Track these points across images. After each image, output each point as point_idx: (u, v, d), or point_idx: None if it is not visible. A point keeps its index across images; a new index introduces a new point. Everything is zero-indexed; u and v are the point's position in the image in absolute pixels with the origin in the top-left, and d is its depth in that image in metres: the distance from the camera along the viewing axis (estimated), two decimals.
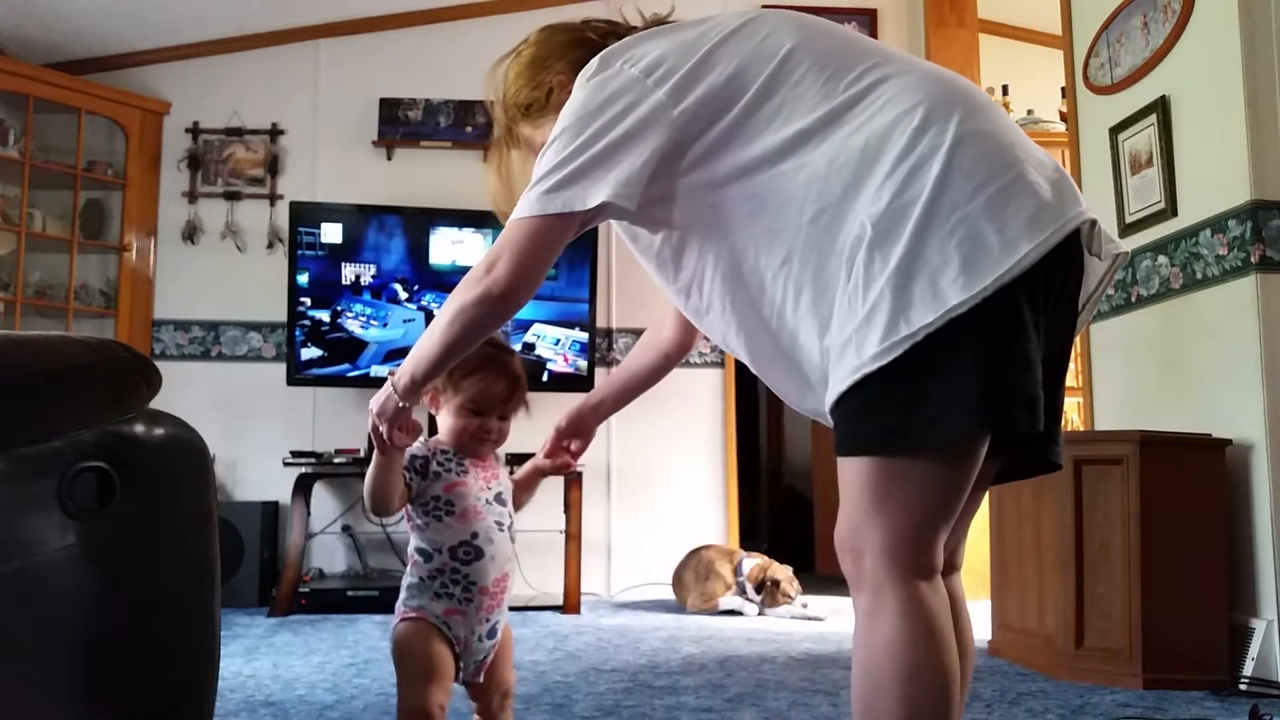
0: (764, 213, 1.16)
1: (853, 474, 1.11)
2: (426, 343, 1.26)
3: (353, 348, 4.36)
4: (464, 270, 4.32)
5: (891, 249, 1.06)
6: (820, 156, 1.13)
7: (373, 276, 4.39)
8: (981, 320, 1.04)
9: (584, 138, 1.17)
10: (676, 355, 1.62)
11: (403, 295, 4.40)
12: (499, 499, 1.68)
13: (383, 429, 1.38)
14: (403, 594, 1.62)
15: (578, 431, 1.68)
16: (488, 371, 1.62)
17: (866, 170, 1.10)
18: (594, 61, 1.24)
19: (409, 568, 1.63)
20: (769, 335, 1.21)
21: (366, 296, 4.37)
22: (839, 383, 1.09)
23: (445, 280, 4.43)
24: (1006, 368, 1.05)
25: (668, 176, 1.19)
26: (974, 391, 1.04)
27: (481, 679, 1.65)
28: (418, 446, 1.59)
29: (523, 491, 1.78)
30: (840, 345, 1.09)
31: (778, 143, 1.15)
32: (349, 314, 4.37)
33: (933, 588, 1.09)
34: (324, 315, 4.32)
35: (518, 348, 4.40)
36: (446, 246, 4.44)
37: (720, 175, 1.18)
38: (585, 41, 1.40)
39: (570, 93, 1.27)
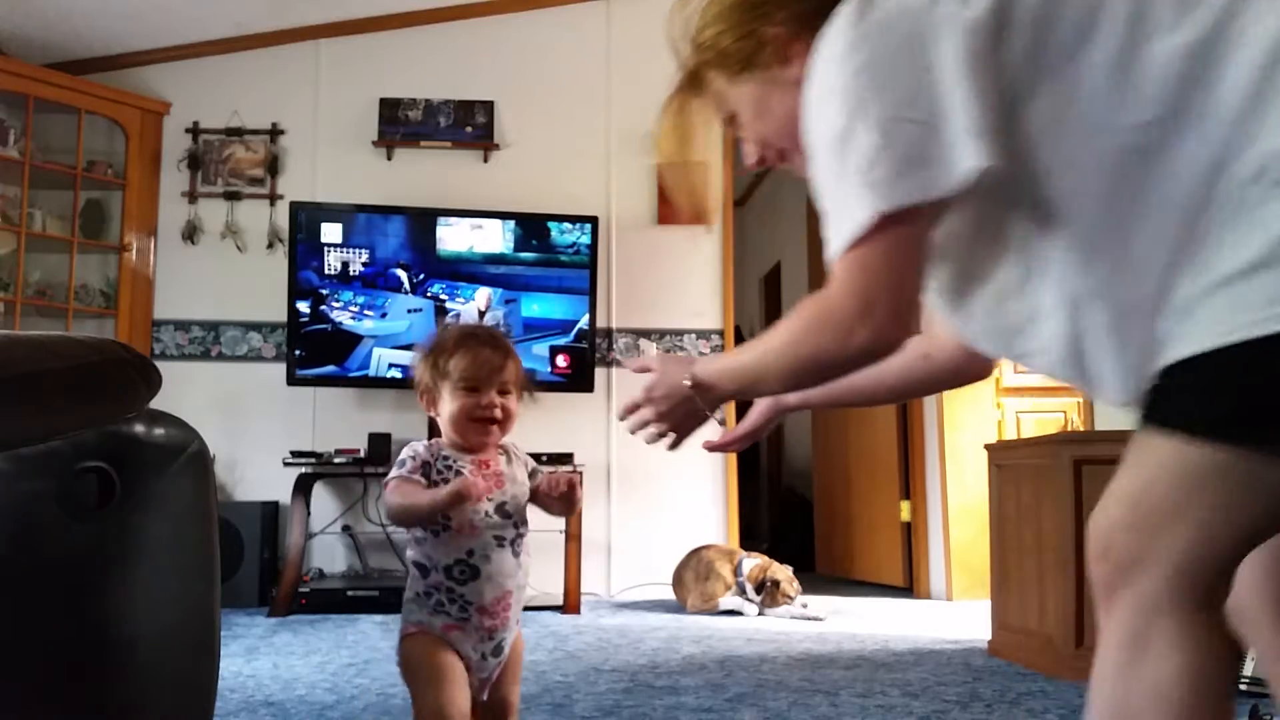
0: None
1: (1167, 457, 0.85)
2: (758, 362, 1.10)
3: (342, 342, 4.33)
4: (476, 259, 4.40)
5: None
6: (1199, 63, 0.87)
7: (364, 264, 4.35)
8: None
9: (898, 95, 0.91)
10: (951, 359, 1.28)
11: (406, 283, 4.38)
12: (501, 510, 1.54)
13: (666, 434, 1.22)
14: (404, 608, 1.55)
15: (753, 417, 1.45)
16: (470, 344, 1.53)
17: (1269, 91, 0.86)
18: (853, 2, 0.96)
19: (409, 580, 1.54)
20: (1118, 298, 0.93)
21: (358, 285, 4.35)
22: (1204, 337, 0.84)
23: (454, 269, 4.42)
24: None
25: (1009, 117, 0.92)
26: None
27: (485, 697, 1.55)
28: (420, 448, 1.53)
29: (551, 500, 1.59)
30: (1210, 287, 0.86)
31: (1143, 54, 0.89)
32: (335, 303, 4.33)
33: (1220, 626, 0.86)
34: (323, 313, 4.32)
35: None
36: (454, 237, 4.43)
37: (1072, 95, 0.91)
38: None
39: (792, 57, 1.06)
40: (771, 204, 7.68)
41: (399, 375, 4.30)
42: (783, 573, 4.07)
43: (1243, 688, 2.55)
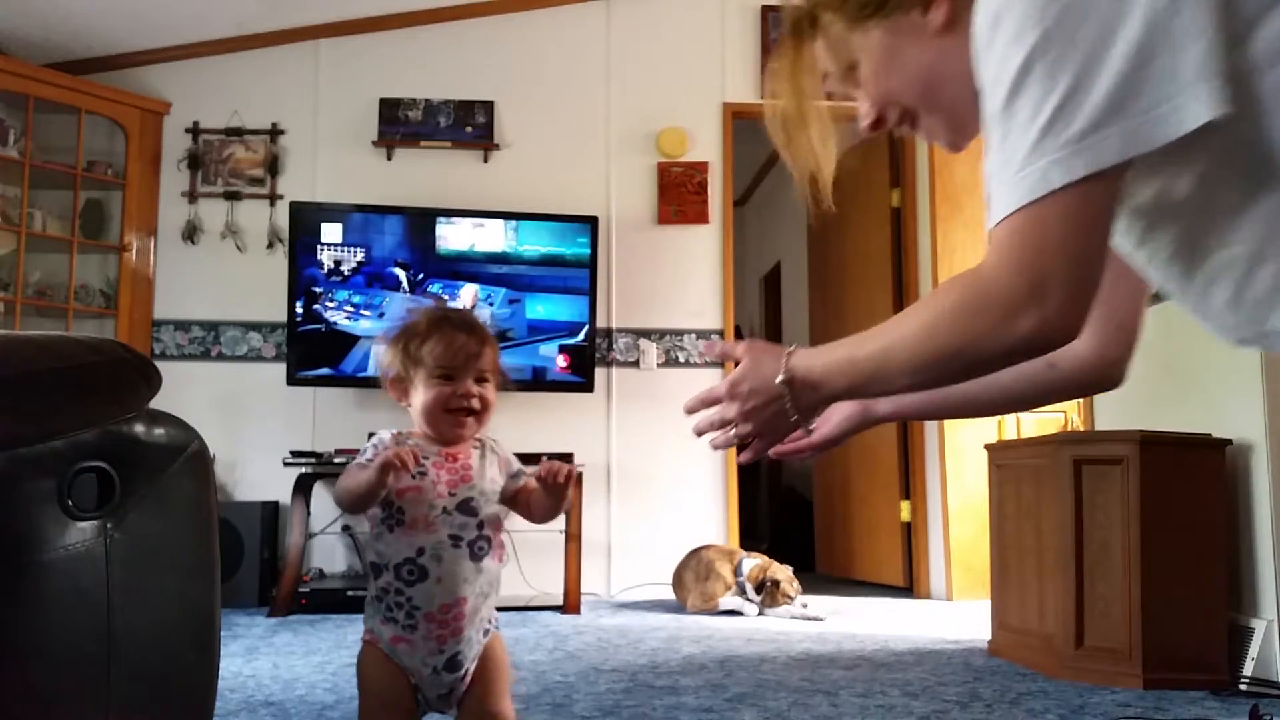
0: None
1: None
2: (882, 354, 0.92)
3: (338, 343, 4.32)
4: (477, 257, 4.42)
5: None
6: None
7: (359, 262, 4.35)
8: None
9: (1100, 25, 0.74)
10: (1080, 368, 1.10)
11: (404, 283, 4.37)
12: (464, 507, 1.41)
13: (748, 440, 1.05)
14: (365, 608, 1.45)
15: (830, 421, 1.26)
16: (444, 328, 1.42)
17: None
18: None
19: (369, 580, 1.43)
20: None
21: (359, 283, 4.35)
22: None
23: (454, 268, 4.41)
24: None
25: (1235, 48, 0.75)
26: None
27: (454, 713, 1.44)
28: (387, 437, 1.42)
29: (535, 500, 1.48)
30: None
31: None
32: (330, 303, 4.33)
33: None
34: (316, 312, 4.32)
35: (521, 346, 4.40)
36: (454, 236, 4.43)
37: None
38: None
39: (943, 5, 0.92)
40: (771, 204, 7.68)
41: None
42: (783, 573, 4.07)
43: (1242, 687, 2.55)
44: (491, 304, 4.40)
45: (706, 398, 1.08)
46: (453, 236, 4.43)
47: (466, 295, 4.41)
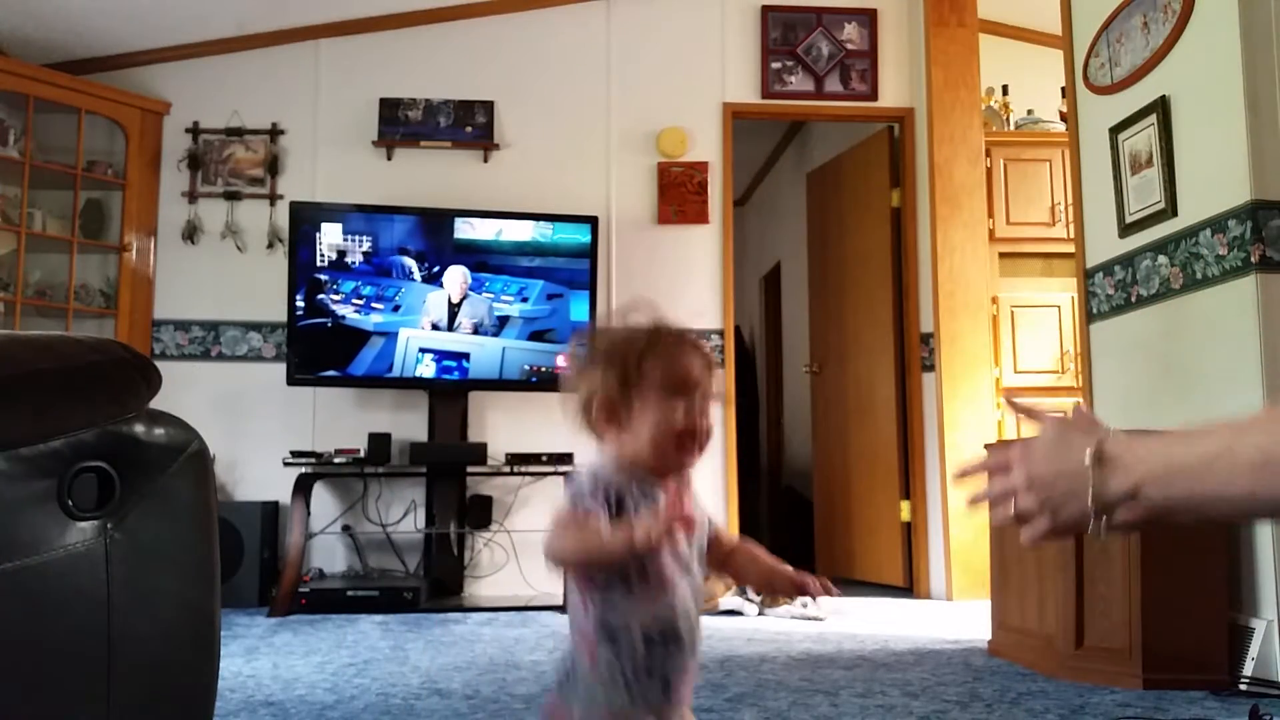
0: None
1: None
2: (1221, 448, 0.76)
3: (345, 340, 4.30)
4: (505, 247, 4.42)
5: None
6: None
7: (365, 254, 4.32)
8: None
9: None
10: None
11: (415, 273, 4.36)
12: (697, 556, 1.22)
13: (1036, 526, 0.89)
14: (565, 689, 1.16)
15: None
16: (670, 343, 1.19)
17: None
18: None
19: (577, 649, 1.16)
20: None
21: (362, 281, 4.35)
22: None
23: (470, 257, 4.40)
24: None
25: None
26: None
27: None
28: (608, 471, 1.17)
29: (735, 567, 1.27)
30: None
31: None
32: (334, 294, 4.30)
33: None
34: (327, 304, 4.32)
35: (525, 346, 4.40)
36: (465, 228, 4.44)
37: None
38: None
39: None
40: (771, 204, 7.68)
41: (433, 367, 4.29)
42: None
43: (1242, 687, 2.55)
44: (485, 292, 4.39)
45: (992, 465, 0.95)
46: (459, 232, 4.42)
47: (453, 283, 4.37)
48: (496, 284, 4.41)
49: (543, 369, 4.39)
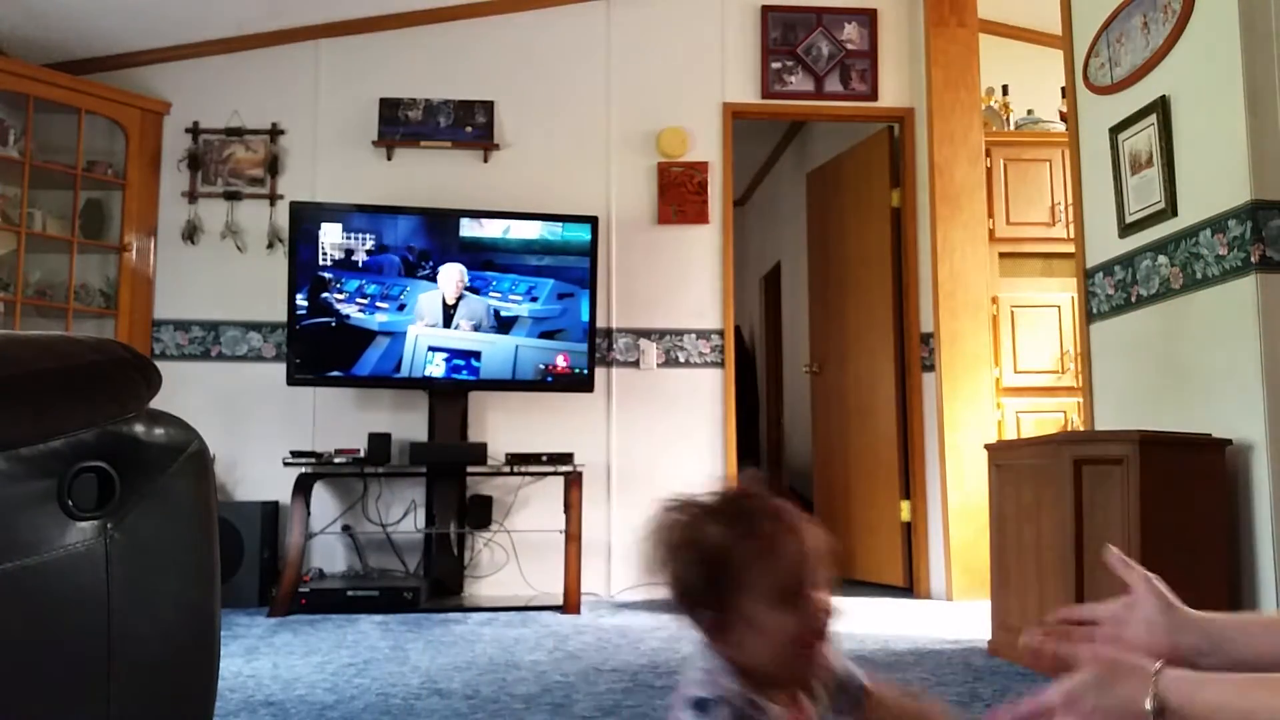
0: None
1: None
2: None
3: (349, 341, 4.31)
4: (511, 245, 4.41)
5: None
6: None
7: (368, 253, 4.32)
8: None
9: None
10: None
11: (420, 271, 4.36)
12: None
13: None
14: None
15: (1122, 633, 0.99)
16: (770, 529, 1.03)
17: None
18: None
19: None
20: None
21: (371, 269, 4.35)
22: None
23: (464, 260, 4.41)
24: None
25: None
26: None
27: None
28: (730, 693, 1.02)
29: None
30: None
31: None
32: (337, 293, 4.29)
33: None
34: (331, 303, 4.32)
35: (538, 345, 4.40)
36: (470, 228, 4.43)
37: None
38: None
39: None
40: (771, 204, 7.68)
41: (443, 366, 4.29)
42: None
43: None
44: (492, 292, 4.39)
45: (1036, 711, 0.85)
46: (464, 231, 4.42)
47: (449, 282, 4.36)
48: (504, 283, 4.40)
49: (557, 368, 4.39)
